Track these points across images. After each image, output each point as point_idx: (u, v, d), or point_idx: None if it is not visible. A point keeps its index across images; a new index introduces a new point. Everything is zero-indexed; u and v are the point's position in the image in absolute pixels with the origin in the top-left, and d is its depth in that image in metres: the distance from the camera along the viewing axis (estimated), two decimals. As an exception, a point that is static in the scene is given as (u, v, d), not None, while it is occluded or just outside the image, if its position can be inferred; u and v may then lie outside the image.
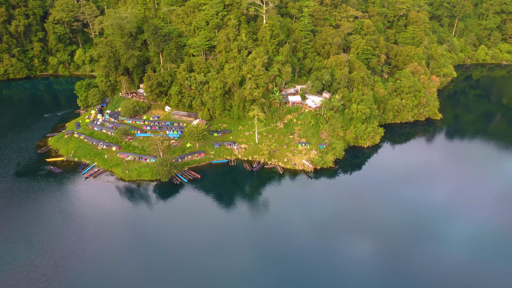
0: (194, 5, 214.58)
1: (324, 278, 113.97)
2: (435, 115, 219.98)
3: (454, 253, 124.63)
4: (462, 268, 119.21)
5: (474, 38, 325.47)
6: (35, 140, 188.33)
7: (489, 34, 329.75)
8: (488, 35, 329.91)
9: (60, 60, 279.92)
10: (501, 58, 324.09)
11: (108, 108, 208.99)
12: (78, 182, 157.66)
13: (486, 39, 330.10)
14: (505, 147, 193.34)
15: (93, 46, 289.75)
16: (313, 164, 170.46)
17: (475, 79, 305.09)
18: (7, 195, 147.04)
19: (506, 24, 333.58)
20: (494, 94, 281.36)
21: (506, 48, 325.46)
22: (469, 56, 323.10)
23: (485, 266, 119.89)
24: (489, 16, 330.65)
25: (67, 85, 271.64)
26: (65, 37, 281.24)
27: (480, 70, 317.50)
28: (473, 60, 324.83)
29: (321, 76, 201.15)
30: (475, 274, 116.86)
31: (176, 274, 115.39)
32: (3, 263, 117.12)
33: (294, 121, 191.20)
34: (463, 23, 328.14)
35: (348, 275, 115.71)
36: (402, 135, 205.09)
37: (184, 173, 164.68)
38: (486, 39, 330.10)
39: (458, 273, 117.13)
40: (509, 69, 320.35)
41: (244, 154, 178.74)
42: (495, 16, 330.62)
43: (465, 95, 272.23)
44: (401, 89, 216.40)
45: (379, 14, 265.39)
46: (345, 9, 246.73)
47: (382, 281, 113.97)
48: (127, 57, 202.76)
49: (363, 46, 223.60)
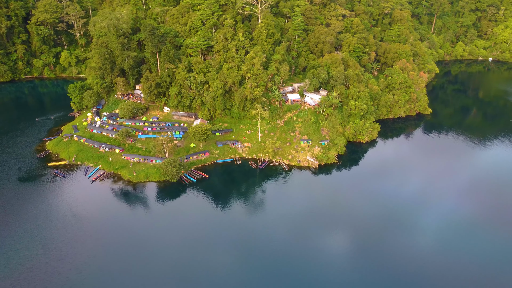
0: (189, 5, 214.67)
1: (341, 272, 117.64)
2: (425, 110, 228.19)
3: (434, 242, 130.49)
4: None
5: (452, 35, 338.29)
6: (32, 144, 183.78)
7: (465, 31, 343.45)
8: (465, 32, 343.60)
9: (45, 62, 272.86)
10: (478, 54, 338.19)
11: (104, 110, 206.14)
12: (85, 185, 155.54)
13: (463, 36, 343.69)
14: (483, 139, 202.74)
15: (78, 47, 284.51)
16: (318, 160, 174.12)
17: (453, 74, 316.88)
18: (14, 201, 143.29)
19: (481, 21, 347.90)
20: (471, 89, 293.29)
21: (482, 44, 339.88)
22: (448, 52, 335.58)
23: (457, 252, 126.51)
24: (465, 14, 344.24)
25: (53, 88, 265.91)
26: (49, 38, 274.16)
27: (459, 66, 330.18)
28: (451, 57, 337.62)
29: (318, 74, 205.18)
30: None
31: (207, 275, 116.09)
32: (23, 270, 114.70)
33: (294, 119, 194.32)
34: (441, 21, 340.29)
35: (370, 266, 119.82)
36: (395, 130, 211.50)
37: (192, 173, 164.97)
38: (463, 36, 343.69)
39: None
40: (485, 64, 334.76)
41: (248, 152, 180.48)
42: (471, 14, 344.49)
43: (444, 90, 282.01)
44: (392, 85, 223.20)
45: (365, 13, 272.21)
46: (333, 8, 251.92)
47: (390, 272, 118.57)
48: (123, 58, 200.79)
49: (354, 44, 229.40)
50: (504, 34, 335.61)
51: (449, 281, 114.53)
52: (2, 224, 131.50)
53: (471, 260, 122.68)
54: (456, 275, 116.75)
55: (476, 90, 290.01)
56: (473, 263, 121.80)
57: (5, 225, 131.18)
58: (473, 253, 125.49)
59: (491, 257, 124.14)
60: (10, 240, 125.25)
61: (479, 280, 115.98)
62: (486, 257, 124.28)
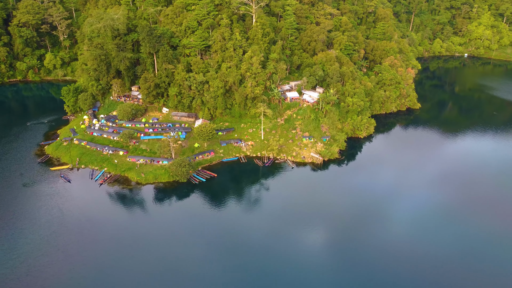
0: (183, 5, 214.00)
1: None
2: (415, 105, 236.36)
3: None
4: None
5: (429, 33, 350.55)
6: (30, 149, 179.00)
7: (442, 28, 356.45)
8: (441, 29, 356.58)
9: (29, 65, 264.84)
10: (454, 50, 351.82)
11: (100, 113, 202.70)
12: (93, 189, 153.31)
13: (439, 33, 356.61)
14: (464, 132, 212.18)
15: (62, 49, 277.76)
16: (322, 156, 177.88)
17: (432, 70, 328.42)
18: (23, 207, 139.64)
19: (456, 19, 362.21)
20: (448, 84, 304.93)
21: (458, 41, 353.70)
22: (427, 49, 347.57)
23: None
24: (440, 12, 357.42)
25: (37, 91, 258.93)
26: (32, 40, 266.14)
27: (437, 62, 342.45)
28: (430, 53, 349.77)
29: (314, 72, 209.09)
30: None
31: (232, 275, 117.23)
32: (45, 277, 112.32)
33: (294, 116, 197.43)
34: (419, 19, 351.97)
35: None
36: (389, 125, 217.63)
37: (200, 173, 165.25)
38: (439, 33, 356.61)
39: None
40: (461, 60, 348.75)
41: (252, 150, 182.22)
42: (446, 12, 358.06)
43: (422, 86, 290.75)
44: (383, 82, 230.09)
45: (351, 12, 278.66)
46: (322, 7, 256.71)
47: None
48: (119, 59, 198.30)
49: (345, 42, 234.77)
50: (477, 31, 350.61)
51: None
52: (16, 232, 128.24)
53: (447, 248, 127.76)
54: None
55: (453, 84, 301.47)
56: (448, 251, 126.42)
57: (20, 233, 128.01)
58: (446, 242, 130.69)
59: (462, 245, 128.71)
60: (27, 247, 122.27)
61: (450, 266, 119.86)
62: (457, 245, 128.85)
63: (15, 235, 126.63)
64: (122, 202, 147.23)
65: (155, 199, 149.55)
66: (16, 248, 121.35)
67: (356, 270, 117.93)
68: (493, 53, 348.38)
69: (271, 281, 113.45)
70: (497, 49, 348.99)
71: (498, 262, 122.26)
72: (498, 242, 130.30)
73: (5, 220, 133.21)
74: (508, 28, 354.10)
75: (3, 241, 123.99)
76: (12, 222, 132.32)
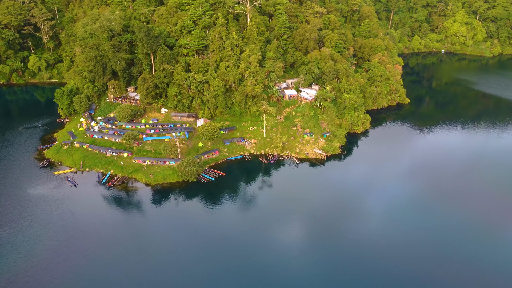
0: (177, 5, 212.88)
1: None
2: (404, 100, 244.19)
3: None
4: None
5: (408, 30, 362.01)
6: (28, 154, 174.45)
7: (419, 25, 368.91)
8: (419, 26, 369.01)
9: (13, 68, 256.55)
10: (432, 47, 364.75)
11: (97, 115, 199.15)
12: (103, 191, 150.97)
13: (417, 30, 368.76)
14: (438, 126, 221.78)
15: (46, 51, 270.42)
16: (325, 151, 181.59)
17: (411, 66, 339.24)
18: (34, 214, 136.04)
19: (432, 16, 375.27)
20: (425, 79, 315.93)
21: (435, 38, 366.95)
22: (406, 46, 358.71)
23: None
24: (418, 10, 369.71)
25: (21, 95, 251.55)
26: (14, 42, 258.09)
27: (416, 58, 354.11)
28: (409, 50, 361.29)
29: (310, 70, 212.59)
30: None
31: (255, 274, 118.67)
32: (74, 284, 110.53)
33: (293, 114, 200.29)
34: (398, 17, 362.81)
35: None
36: (381, 120, 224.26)
37: (208, 172, 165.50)
38: (417, 30, 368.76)
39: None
40: (438, 56, 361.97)
41: (256, 148, 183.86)
42: (423, 10, 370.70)
43: (404, 82, 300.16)
44: (374, 78, 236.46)
45: (336, 10, 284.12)
46: (310, 6, 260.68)
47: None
48: (115, 60, 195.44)
49: (336, 40, 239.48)
50: (453, 27, 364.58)
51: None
52: (32, 238, 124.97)
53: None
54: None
55: (430, 80, 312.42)
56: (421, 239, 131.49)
57: (35, 239, 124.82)
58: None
59: (434, 233, 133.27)
60: (46, 253, 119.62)
61: (423, 254, 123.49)
62: (430, 233, 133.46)
63: (31, 242, 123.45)
64: (136, 203, 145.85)
65: (168, 200, 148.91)
66: (35, 255, 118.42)
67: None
68: (468, 49, 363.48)
69: (295, 280, 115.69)
70: (472, 45, 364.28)
71: (467, 248, 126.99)
72: (467, 229, 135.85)
73: (17, 227, 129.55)
74: (481, 25, 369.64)
75: (20, 249, 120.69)
76: (25, 229, 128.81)
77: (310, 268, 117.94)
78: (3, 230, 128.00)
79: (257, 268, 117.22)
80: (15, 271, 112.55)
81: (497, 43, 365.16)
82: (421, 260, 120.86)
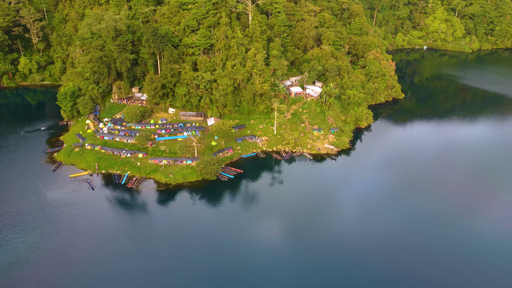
0: (178, 4, 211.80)
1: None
2: (399, 95, 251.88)
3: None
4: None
5: (392, 27, 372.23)
6: (37, 158, 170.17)
7: (402, 23, 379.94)
8: (402, 24, 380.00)
9: (2, 70, 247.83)
10: (415, 43, 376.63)
11: (102, 116, 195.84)
12: (124, 193, 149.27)
13: (400, 27, 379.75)
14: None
15: (35, 52, 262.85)
16: (336, 146, 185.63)
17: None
18: (56, 217, 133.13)
19: (414, 14, 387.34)
20: (408, 75, 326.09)
21: (417, 34, 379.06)
22: (390, 43, 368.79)
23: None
24: (400, 7, 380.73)
25: (12, 98, 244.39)
26: (3, 44, 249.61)
27: (400, 55, 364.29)
28: (394, 46, 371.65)
29: (313, 67, 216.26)
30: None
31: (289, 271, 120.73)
32: None
33: (300, 111, 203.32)
34: (381, 14, 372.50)
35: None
36: (380, 114, 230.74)
37: (226, 170, 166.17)
38: (400, 27, 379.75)
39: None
40: (420, 52, 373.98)
41: (268, 145, 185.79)
42: (405, 7, 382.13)
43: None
44: (371, 74, 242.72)
45: (328, 8, 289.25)
46: (305, 5, 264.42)
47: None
48: (120, 61, 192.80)
49: (333, 38, 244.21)
50: (434, 24, 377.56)
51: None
52: (65, 244, 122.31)
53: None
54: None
55: (412, 75, 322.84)
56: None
57: (69, 244, 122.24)
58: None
59: (406, 223, 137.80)
60: (82, 258, 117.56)
61: (398, 244, 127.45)
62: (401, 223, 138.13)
63: (64, 247, 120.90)
64: (161, 204, 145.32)
65: (192, 199, 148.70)
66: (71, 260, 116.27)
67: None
68: (449, 45, 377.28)
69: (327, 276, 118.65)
70: (452, 41, 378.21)
71: (439, 236, 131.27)
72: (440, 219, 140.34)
73: (45, 232, 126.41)
74: (460, 22, 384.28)
75: (53, 254, 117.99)
76: (54, 234, 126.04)
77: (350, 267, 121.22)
78: (31, 236, 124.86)
79: (295, 269, 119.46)
80: (54, 277, 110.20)
81: (476, 39, 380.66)
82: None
